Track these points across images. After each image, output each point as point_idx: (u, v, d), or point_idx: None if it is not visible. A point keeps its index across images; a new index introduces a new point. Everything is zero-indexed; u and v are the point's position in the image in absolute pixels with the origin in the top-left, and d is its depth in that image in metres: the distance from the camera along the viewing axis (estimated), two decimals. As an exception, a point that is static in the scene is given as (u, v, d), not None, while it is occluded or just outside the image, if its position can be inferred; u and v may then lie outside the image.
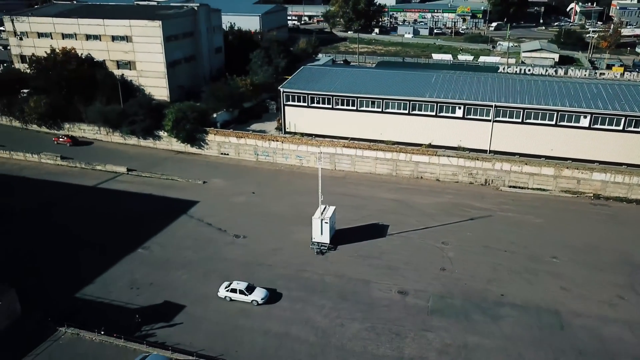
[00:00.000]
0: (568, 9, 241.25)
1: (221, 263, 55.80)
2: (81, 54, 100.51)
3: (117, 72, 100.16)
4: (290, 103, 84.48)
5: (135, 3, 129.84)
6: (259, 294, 49.32)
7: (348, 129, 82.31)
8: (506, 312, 47.86)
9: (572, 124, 73.02)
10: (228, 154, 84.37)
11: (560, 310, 47.99)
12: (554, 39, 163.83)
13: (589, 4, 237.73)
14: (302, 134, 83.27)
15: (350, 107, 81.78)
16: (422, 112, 78.74)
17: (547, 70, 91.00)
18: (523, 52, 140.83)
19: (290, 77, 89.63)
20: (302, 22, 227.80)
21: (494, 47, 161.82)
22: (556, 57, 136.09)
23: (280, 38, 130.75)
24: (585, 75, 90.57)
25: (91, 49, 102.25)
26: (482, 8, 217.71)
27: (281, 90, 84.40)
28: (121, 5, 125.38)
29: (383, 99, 79.86)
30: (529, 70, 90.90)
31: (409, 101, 78.84)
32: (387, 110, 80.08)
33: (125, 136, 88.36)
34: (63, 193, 71.97)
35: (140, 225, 63.02)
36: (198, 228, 63.11)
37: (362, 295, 50.49)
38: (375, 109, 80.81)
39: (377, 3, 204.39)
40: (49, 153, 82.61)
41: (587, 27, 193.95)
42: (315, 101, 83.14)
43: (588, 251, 57.65)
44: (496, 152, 75.87)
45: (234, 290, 49.34)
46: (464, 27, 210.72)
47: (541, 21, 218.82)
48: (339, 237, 59.41)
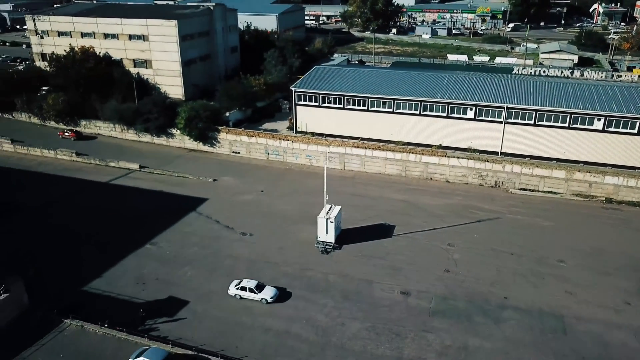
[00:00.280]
0: (591, 10, 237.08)
1: (227, 260, 56.46)
2: (99, 53, 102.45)
3: (134, 71, 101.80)
4: (301, 103, 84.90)
5: (153, 2, 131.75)
6: (269, 293, 49.67)
7: (359, 129, 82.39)
8: (509, 315, 47.53)
9: (586, 127, 72.00)
10: (239, 153, 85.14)
11: (564, 314, 47.48)
12: (575, 40, 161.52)
13: (613, 5, 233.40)
14: (313, 134, 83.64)
15: (361, 107, 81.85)
16: (433, 113, 78.42)
17: (562, 72, 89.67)
18: (541, 54, 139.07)
19: (302, 77, 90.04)
20: (320, 22, 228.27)
21: (513, 48, 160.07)
22: (575, 59, 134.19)
23: (296, 38, 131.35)
24: (601, 77, 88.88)
25: (109, 48, 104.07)
26: (502, 8, 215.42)
27: (293, 89, 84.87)
28: (139, 4, 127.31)
29: (394, 100, 79.74)
30: (544, 71, 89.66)
31: (420, 102, 78.59)
32: (398, 110, 79.93)
33: (139, 134, 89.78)
34: (76, 188, 73.46)
35: (149, 221, 64.03)
36: (206, 225, 63.89)
37: (365, 295, 50.63)
38: (386, 110, 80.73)
39: (395, 3, 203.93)
40: (65, 149, 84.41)
41: (610, 29, 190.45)
42: (326, 101, 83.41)
43: (596, 255, 56.86)
44: (508, 154, 75.17)
45: (244, 288, 49.79)
46: (483, 28, 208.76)
47: (562, 22, 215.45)
48: (345, 237, 59.60)
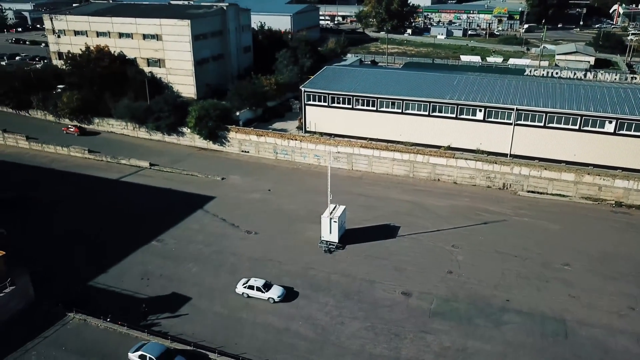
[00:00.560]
0: (611, 11, 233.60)
1: (231, 257, 56.99)
2: (114, 52, 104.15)
3: (147, 70, 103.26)
4: (311, 102, 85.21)
5: (168, 2, 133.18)
6: (276, 292, 49.87)
7: (367, 130, 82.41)
8: (510, 318, 47.22)
9: (597, 129, 71.10)
10: (248, 152, 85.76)
11: (566, 318, 46.99)
12: (592, 42, 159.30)
13: (633, 6, 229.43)
14: (322, 134, 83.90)
15: (370, 108, 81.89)
16: (442, 114, 78.13)
17: (575, 73, 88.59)
18: (557, 55, 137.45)
19: (312, 77, 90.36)
20: (335, 22, 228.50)
21: (528, 50, 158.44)
22: (592, 60, 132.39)
23: (309, 38, 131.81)
24: (615, 79, 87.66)
25: (123, 47, 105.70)
26: (520, 9, 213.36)
27: (302, 89, 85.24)
28: (154, 4, 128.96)
29: (403, 100, 79.62)
30: (556, 73, 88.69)
31: (429, 102, 78.36)
32: (407, 111, 79.78)
33: (150, 132, 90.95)
34: (87, 185, 74.75)
35: (157, 218, 64.89)
36: (212, 223, 64.54)
37: (366, 294, 50.70)
38: (395, 110, 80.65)
39: (411, 4, 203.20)
40: (78, 146, 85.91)
41: (630, 30, 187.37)
42: (335, 101, 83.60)
43: (603, 260, 56.13)
44: (517, 156, 74.58)
45: (251, 287, 50.06)
46: (500, 29, 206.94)
47: (581, 23, 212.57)
48: (349, 237, 59.74)
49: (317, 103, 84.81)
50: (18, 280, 45.79)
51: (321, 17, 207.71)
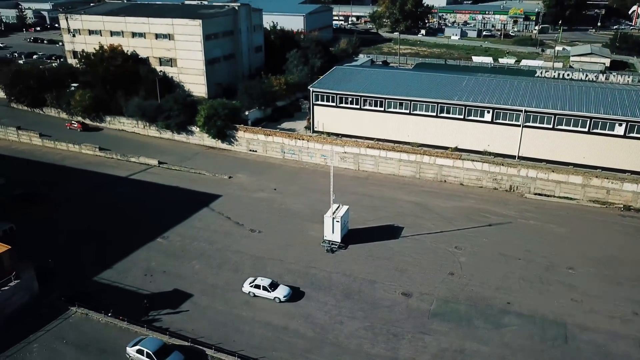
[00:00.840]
0: (630, 12, 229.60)
1: (234, 255, 57.44)
2: (127, 51, 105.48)
3: (160, 69, 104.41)
4: (319, 102, 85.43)
5: (181, 2, 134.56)
6: (282, 292, 50.00)
7: (375, 130, 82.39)
8: (510, 321, 46.90)
9: (606, 132, 70.23)
10: (256, 151, 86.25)
11: (567, 322, 46.51)
12: (609, 43, 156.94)
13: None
14: (330, 134, 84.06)
15: (377, 108, 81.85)
16: (450, 115, 77.80)
17: (587, 75, 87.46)
18: (572, 57, 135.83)
19: (321, 77, 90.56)
20: (350, 23, 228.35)
21: (543, 51, 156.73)
22: (607, 62, 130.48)
23: (321, 38, 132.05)
24: (628, 81, 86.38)
25: (136, 46, 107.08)
26: (536, 10, 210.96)
27: (311, 89, 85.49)
28: (167, 4, 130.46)
29: (411, 101, 79.43)
30: (567, 74, 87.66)
31: (437, 104, 78.09)
32: (415, 112, 79.58)
33: (160, 130, 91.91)
34: (96, 182, 75.80)
35: (163, 215, 65.67)
36: (217, 221, 65.08)
37: (366, 294, 50.75)
38: (402, 111, 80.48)
39: (425, 4, 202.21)
40: (89, 144, 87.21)
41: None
42: (343, 101, 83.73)
43: (609, 264, 55.40)
44: (525, 158, 73.94)
45: (258, 286, 50.28)
46: (515, 30, 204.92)
47: (599, 24, 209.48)
48: (352, 237, 59.81)
49: (325, 103, 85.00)
50: (23, 274, 46.71)
51: (335, 18, 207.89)
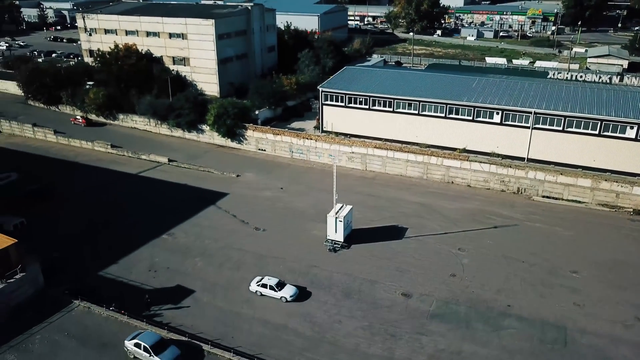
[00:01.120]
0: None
1: (237, 253, 57.99)
2: (141, 50, 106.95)
3: (173, 68, 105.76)
4: (328, 102, 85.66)
5: (195, 2, 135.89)
6: (288, 291, 50.20)
7: (383, 130, 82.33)
8: (509, 323, 46.59)
9: (617, 135, 69.26)
10: (265, 150, 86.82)
11: (567, 326, 46.04)
12: (628, 45, 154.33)
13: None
14: (339, 134, 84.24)
15: (386, 109, 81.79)
16: (459, 116, 77.45)
17: (600, 77, 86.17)
18: (589, 58, 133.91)
19: (331, 77, 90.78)
20: (366, 23, 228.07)
21: (560, 52, 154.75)
22: (625, 64, 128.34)
23: (335, 38, 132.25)
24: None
25: (150, 45, 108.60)
26: (555, 11, 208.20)
27: (320, 89, 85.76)
28: (181, 3, 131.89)
29: (420, 101, 79.22)
30: (580, 76, 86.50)
31: (446, 104, 77.77)
32: (424, 112, 79.37)
33: (171, 128, 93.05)
34: (107, 179, 77.06)
35: (170, 212, 66.53)
36: (223, 219, 65.73)
37: (366, 294, 50.85)
38: (411, 111, 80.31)
39: (442, 4, 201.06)
40: (101, 141, 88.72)
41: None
42: (352, 101, 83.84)
43: (614, 268, 54.64)
44: (535, 161, 73.21)
45: (264, 285, 50.62)
46: (532, 31, 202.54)
47: (619, 25, 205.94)
48: (355, 237, 59.91)
49: (335, 103, 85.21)
50: (28, 267, 47.85)
51: (351, 18, 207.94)
